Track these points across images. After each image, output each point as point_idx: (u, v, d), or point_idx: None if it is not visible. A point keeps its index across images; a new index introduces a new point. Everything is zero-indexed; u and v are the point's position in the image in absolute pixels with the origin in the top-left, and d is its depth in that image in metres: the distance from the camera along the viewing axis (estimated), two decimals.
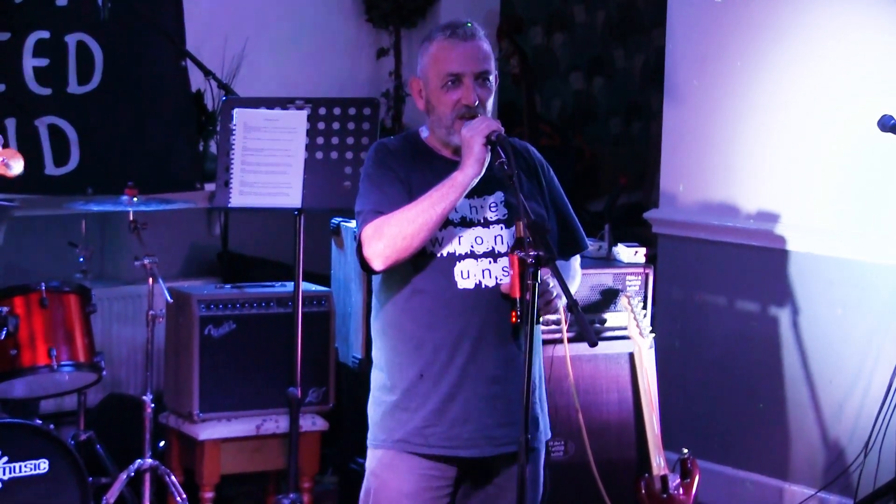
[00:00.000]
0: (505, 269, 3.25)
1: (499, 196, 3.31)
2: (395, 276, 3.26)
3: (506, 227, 3.30)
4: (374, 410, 3.35)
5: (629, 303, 4.68)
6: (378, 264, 3.19)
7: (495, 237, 3.29)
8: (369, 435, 3.37)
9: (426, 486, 3.29)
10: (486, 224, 3.30)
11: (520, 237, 3.16)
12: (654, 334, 4.71)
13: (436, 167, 3.28)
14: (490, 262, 3.28)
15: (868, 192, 5.15)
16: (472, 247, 3.27)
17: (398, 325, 3.30)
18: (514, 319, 3.17)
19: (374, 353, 3.39)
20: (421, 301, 3.26)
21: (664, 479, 4.54)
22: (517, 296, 3.15)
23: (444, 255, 3.25)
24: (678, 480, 4.57)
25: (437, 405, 3.25)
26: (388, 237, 3.16)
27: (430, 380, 3.26)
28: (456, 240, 3.26)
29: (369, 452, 3.36)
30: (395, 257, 3.18)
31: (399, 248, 3.17)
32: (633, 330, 4.66)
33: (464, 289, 3.25)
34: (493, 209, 3.31)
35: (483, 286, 3.27)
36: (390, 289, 3.30)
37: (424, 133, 3.38)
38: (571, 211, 3.53)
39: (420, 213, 3.16)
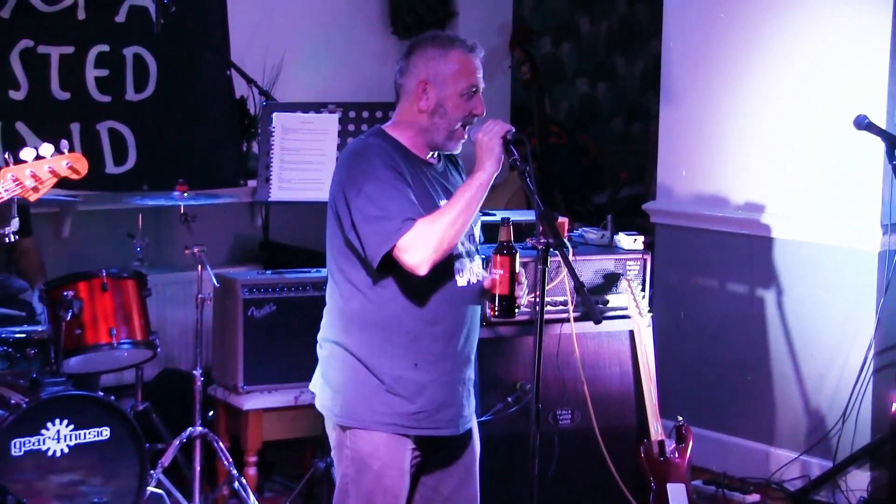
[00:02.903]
0: (488, 268, 3.23)
1: None
2: (397, 276, 3.13)
3: (472, 227, 3.28)
4: (354, 393, 3.20)
5: (629, 285, 4.66)
6: (424, 270, 3.07)
7: (468, 236, 3.27)
8: (350, 415, 3.21)
9: (411, 460, 3.24)
10: None
11: (502, 241, 3.19)
12: (651, 314, 4.70)
13: (421, 169, 3.21)
14: (470, 261, 3.26)
15: (845, 185, 5.14)
16: (461, 245, 3.22)
17: (395, 320, 3.17)
18: (493, 313, 3.21)
19: (346, 341, 3.22)
20: (425, 298, 3.17)
21: (661, 443, 4.54)
22: (506, 293, 3.17)
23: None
24: (674, 445, 4.56)
25: (432, 392, 3.20)
26: (434, 242, 3.05)
27: (424, 369, 3.19)
28: None
29: (357, 433, 3.21)
30: (438, 260, 3.08)
31: (443, 251, 3.08)
32: (633, 310, 4.65)
33: (461, 286, 3.22)
34: None
35: (470, 283, 3.24)
36: (388, 286, 3.16)
37: (393, 132, 3.23)
38: None
39: (458, 215, 3.07)
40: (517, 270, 3.21)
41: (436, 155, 3.29)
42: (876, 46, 5.00)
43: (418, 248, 3.06)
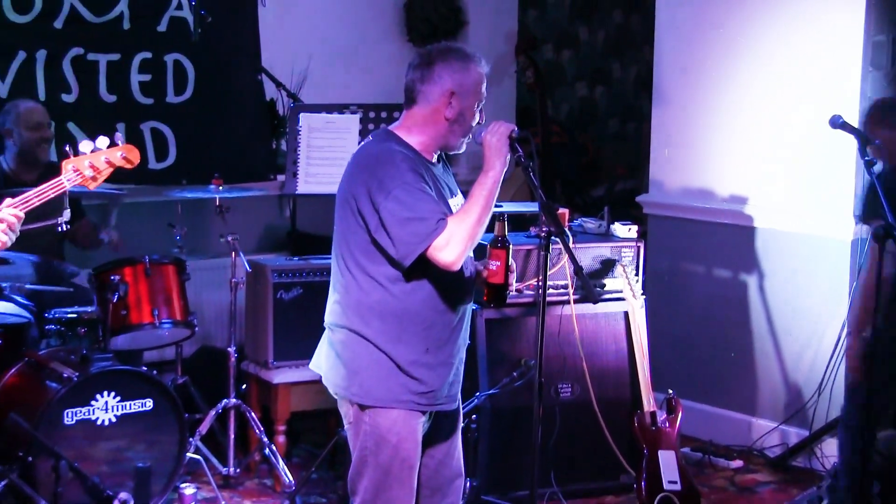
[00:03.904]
0: (488, 261, 3.21)
1: (462, 197, 3.25)
2: (418, 271, 3.09)
3: None
4: (372, 376, 3.15)
5: (624, 270, 4.67)
6: (458, 266, 3.05)
7: None
8: (370, 396, 3.16)
9: (419, 434, 3.24)
10: None
11: (497, 235, 3.19)
12: (644, 296, 4.71)
13: (431, 171, 3.17)
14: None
15: (821, 179, 5.12)
16: None
17: (414, 311, 3.13)
18: (486, 298, 3.22)
19: (364, 329, 3.14)
20: (441, 291, 3.14)
21: (653, 414, 4.53)
22: (501, 282, 3.18)
23: None
24: (665, 416, 4.56)
25: (440, 373, 3.19)
26: (465, 240, 3.03)
27: (433, 353, 3.17)
28: None
29: (376, 411, 3.16)
30: (466, 256, 3.09)
31: (472, 247, 3.08)
32: (627, 293, 4.65)
33: (467, 277, 3.20)
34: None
35: (472, 273, 3.23)
36: (409, 281, 3.11)
37: (404, 135, 3.17)
38: None
39: (481, 214, 3.05)
40: (510, 262, 3.20)
41: (435, 156, 3.26)
42: (849, 52, 4.98)
43: (452, 246, 3.02)
